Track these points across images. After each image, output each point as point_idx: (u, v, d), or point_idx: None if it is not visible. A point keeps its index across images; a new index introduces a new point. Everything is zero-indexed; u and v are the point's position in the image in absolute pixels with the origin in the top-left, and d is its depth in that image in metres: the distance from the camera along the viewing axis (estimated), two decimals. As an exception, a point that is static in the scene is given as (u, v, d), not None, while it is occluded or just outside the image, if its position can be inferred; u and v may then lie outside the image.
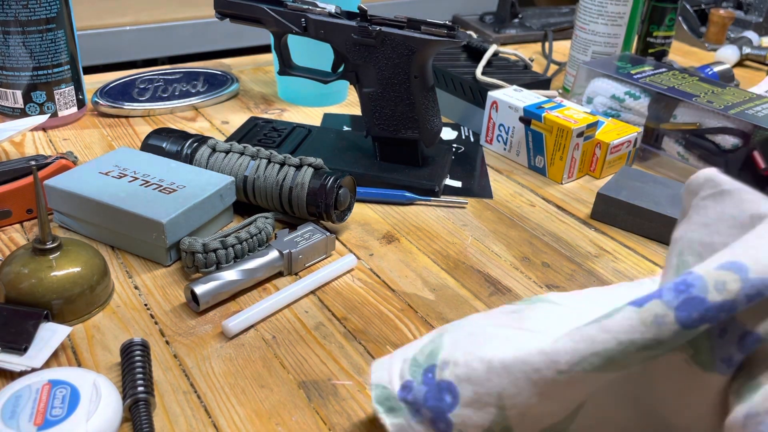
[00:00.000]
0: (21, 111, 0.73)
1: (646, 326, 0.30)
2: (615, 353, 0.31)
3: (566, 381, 0.32)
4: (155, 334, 0.47)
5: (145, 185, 0.56)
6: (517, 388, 0.33)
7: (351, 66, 0.65)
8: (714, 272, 0.30)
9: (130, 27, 1.50)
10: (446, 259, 0.58)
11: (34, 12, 0.69)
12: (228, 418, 0.41)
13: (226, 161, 0.60)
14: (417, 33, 0.62)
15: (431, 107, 0.65)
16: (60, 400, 0.38)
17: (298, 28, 0.66)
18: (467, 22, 1.26)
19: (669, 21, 0.98)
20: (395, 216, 0.63)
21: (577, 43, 0.92)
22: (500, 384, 0.33)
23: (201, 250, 0.51)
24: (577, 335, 0.32)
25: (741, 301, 0.29)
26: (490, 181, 0.71)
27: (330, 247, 0.57)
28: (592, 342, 0.31)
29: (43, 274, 0.46)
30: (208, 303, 0.49)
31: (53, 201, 0.57)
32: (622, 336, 0.30)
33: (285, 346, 0.47)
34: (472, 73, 0.82)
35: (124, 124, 0.78)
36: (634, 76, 0.80)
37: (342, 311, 0.51)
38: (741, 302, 0.29)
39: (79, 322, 0.47)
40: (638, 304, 0.31)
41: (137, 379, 0.41)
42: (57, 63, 0.72)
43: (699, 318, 0.30)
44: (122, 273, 0.53)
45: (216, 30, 1.57)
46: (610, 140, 0.71)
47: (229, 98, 0.87)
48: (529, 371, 0.33)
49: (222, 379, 0.44)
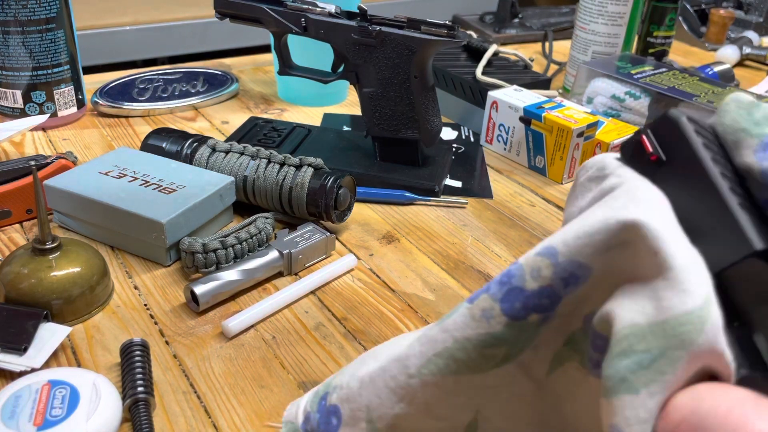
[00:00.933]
0: (21, 111, 0.73)
1: (476, 321, 0.30)
2: (454, 352, 0.31)
3: (420, 385, 0.32)
4: (155, 334, 0.47)
5: (144, 185, 0.56)
6: (380, 399, 0.33)
7: (351, 66, 0.65)
8: (531, 259, 0.29)
9: (129, 27, 1.50)
10: (446, 259, 0.58)
11: (34, 12, 0.69)
12: (228, 418, 0.41)
13: (225, 161, 0.60)
14: (417, 33, 0.61)
15: (431, 107, 0.65)
16: (60, 401, 0.38)
17: (298, 28, 0.66)
18: (467, 22, 1.26)
19: (669, 21, 0.98)
20: (395, 216, 0.63)
21: (578, 43, 0.92)
22: (368, 397, 0.34)
23: (201, 250, 0.51)
24: (423, 338, 0.32)
25: (558, 285, 0.29)
26: (490, 181, 0.71)
27: (330, 247, 0.56)
28: (434, 343, 0.31)
29: (42, 274, 0.46)
30: (207, 303, 0.49)
31: (53, 201, 0.57)
32: (457, 334, 0.30)
33: (285, 346, 0.47)
34: (472, 72, 0.82)
35: (124, 124, 0.78)
36: (635, 76, 0.80)
37: (342, 311, 0.51)
38: (558, 286, 0.29)
39: (79, 323, 0.47)
40: (470, 301, 0.31)
41: (137, 379, 0.41)
42: (57, 63, 0.72)
43: (522, 307, 0.30)
44: (122, 273, 0.53)
45: (216, 30, 1.57)
46: (610, 140, 0.71)
47: (228, 98, 0.87)
48: (387, 379, 0.33)
49: (222, 380, 0.44)
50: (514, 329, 0.30)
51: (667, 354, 0.25)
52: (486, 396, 0.33)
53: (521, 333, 0.30)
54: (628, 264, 0.28)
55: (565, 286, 0.29)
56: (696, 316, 0.25)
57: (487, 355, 0.31)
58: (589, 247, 0.28)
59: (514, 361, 0.32)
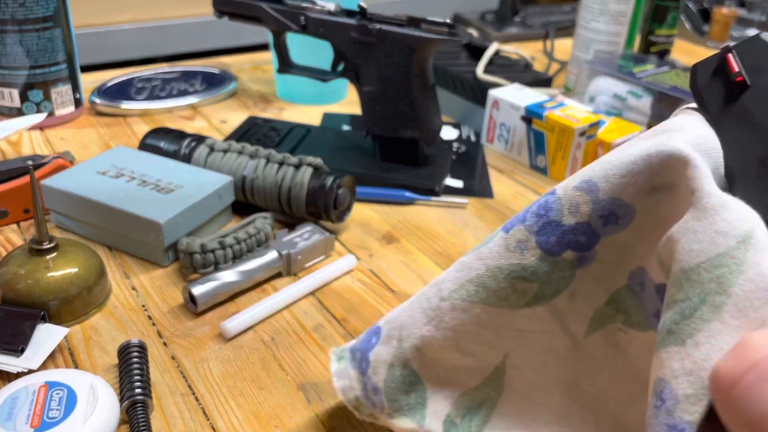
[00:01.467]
0: (18, 110, 0.73)
1: (510, 252, 0.30)
2: (485, 279, 0.31)
3: (449, 308, 0.32)
4: (153, 335, 0.47)
5: (142, 185, 0.55)
6: (412, 318, 0.34)
7: (351, 64, 0.65)
8: (570, 193, 0.29)
9: (127, 25, 1.50)
10: (447, 259, 0.57)
11: (31, 10, 0.68)
12: (226, 420, 0.40)
13: (224, 161, 0.60)
14: (417, 31, 0.61)
15: (431, 106, 0.65)
16: (57, 402, 0.38)
17: (298, 27, 0.65)
18: (468, 21, 1.26)
19: (671, 19, 0.97)
20: (395, 216, 0.63)
21: (579, 41, 0.92)
22: (403, 317, 0.34)
23: (199, 250, 0.50)
24: (459, 264, 0.32)
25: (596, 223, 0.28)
26: (491, 180, 0.70)
27: (329, 248, 0.56)
28: (469, 269, 0.31)
29: (39, 275, 0.45)
30: (206, 304, 0.48)
31: (50, 201, 0.56)
32: (490, 262, 0.30)
33: (284, 347, 0.46)
34: (472, 71, 0.82)
35: (122, 123, 0.78)
36: (637, 75, 0.79)
37: (341, 312, 0.50)
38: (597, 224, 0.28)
39: (76, 323, 0.47)
40: (506, 230, 0.30)
41: (135, 380, 0.40)
42: (54, 62, 0.72)
43: (557, 242, 0.29)
44: (119, 274, 0.53)
45: (214, 28, 1.57)
46: (612, 139, 0.70)
47: (227, 97, 0.86)
48: (422, 300, 0.33)
49: (220, 381, 0.43)
50: (547, 264, 0.29)
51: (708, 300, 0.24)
52: (516, 340, 0.33)
53: (555, 270, 0.30)
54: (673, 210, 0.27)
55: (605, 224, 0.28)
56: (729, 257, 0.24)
57: (518, 289, 0.30)
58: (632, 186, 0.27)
59: (547, 304, 0.31)
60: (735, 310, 0.23)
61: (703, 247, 0.24)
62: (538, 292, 0.30)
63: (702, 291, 0.24)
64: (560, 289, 0.31)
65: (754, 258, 0.23)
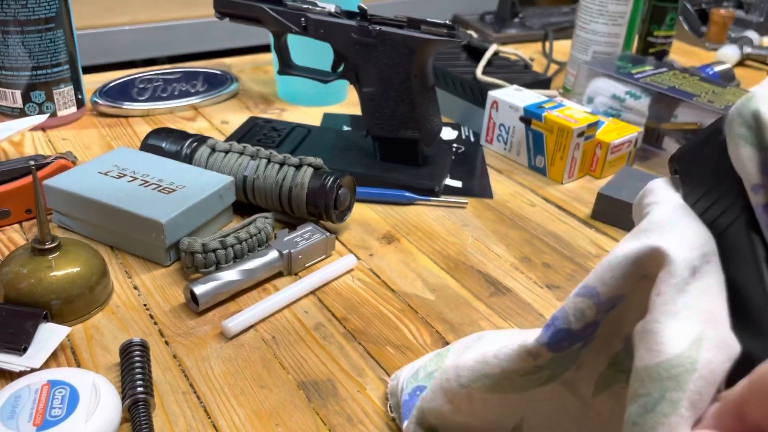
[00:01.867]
0: (20, 111, 0.73)
1: (523, 360, 0.32)
2: (501, 380, 0.33)
3: (466, 395, 0.35)
4: (154, 334, 0.47)
5: (144, 185, 0.56)
6: (433, 393, 0.36)
7: (351, 65, 0.65)
8: (572, 300, 0.31)
9: (129, 26, 1.50)
10: (446, 259, 0.57)
11: (34, 11, 0.69)
12: (227, 418, 0.41)
13: (225, 161, 0.60)
14: (417, 32, 0.61)
15: (431, 107, 0.65)
16: (59, 401, 0.38)
17: (298, 28, 0.66)
18: (467, 22, 1.26)
19: (670, 20, 0.98)
20: (395, 216, 0.63)
21: (578, 42, 0.92)
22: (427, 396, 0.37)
23: (200, 250, 0.50)
24: (479, 356, 0.35)
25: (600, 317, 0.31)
26: (490, 181, 0.71)
27: (330, 248, 0.56)
28: (486, 365, 0.34)
29: (42, 275, 0.46)
30: (207, 303, 0.49)
31: (52, 201, 0.57)
32: (505, 365, 0.33)
33: (285, 346, 0.47)
34: (472, 72, 0.82)
35: (124, 123, 0.78)
36: (635, 76, 0.79)
37: (342, 311, 0.50)
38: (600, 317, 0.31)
39: (79, 323, 0.47)
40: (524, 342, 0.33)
41: (136, 379, 0.40)
42: (56, 63, 0.72)
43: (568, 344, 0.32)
44: (121, 273, 0.53)
45: (215, 29, 1.57)
46: (610, 140, 0.71)
47: (228, 98, 0.87)
48: (443, 379, 0.36)
49: (221, 380, 0.43)
50: (558, 357, 0.32)
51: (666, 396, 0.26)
52: (531, 407, 0.35)
53: (564, 357, 0.32)
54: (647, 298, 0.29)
55: (605, 312, 0.31)
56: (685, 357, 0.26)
57: (532, 379, 0.33)
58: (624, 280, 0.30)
59: (558, 380, 0.34)
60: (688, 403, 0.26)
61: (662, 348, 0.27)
62: (550, 375, 0.33)
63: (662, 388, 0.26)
64: (569, 368, 0.34)
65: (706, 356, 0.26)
